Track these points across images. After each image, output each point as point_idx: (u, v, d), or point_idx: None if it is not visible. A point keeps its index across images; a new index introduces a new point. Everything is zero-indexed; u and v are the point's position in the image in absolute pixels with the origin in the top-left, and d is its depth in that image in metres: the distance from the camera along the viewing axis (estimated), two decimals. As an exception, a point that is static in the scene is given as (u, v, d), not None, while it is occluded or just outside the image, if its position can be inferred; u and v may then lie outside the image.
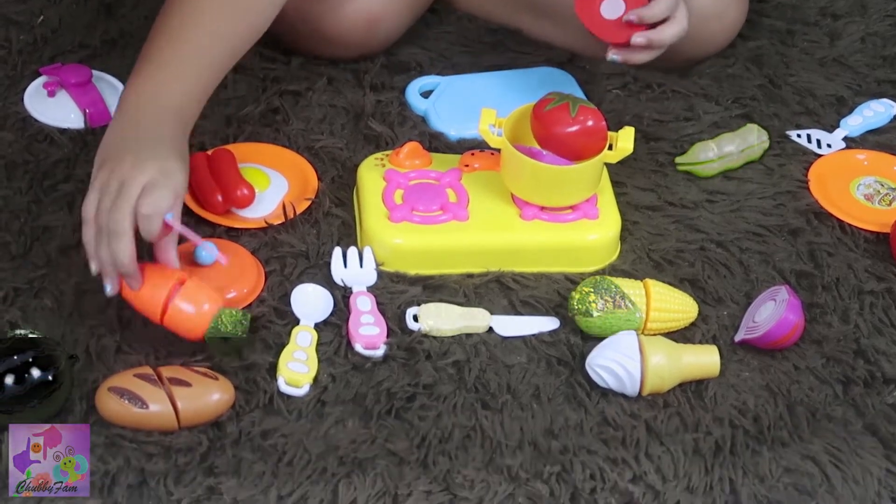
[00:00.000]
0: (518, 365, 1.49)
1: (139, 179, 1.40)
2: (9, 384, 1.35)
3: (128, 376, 1.40)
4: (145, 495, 1.34)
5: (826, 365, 1.52)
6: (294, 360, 1.45)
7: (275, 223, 1.61)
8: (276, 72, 1.81)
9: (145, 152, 1.42)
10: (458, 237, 1.57)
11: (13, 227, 1.58)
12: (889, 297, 1.59)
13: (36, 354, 1.37)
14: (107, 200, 1.40)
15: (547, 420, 1.44)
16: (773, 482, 1.40)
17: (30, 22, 1.86)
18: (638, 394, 1.46)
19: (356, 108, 1.77)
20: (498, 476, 1.38)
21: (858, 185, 1.73)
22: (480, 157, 1.65)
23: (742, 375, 1.50)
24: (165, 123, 1.47)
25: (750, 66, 1.88)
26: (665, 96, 1.83)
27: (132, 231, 1.39)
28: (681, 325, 1.54)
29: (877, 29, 1.98)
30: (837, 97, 1.86)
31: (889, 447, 1.44)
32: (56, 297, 1.51)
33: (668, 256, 1.62)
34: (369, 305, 1.52)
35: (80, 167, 1.66)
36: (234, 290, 1.52)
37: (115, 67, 1.80)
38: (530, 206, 1.59)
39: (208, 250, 1.49)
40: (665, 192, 1.70)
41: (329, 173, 1.68)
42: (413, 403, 1.44)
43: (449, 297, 1.55)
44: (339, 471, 1.37)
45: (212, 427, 1.40)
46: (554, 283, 1.58)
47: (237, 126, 1.73)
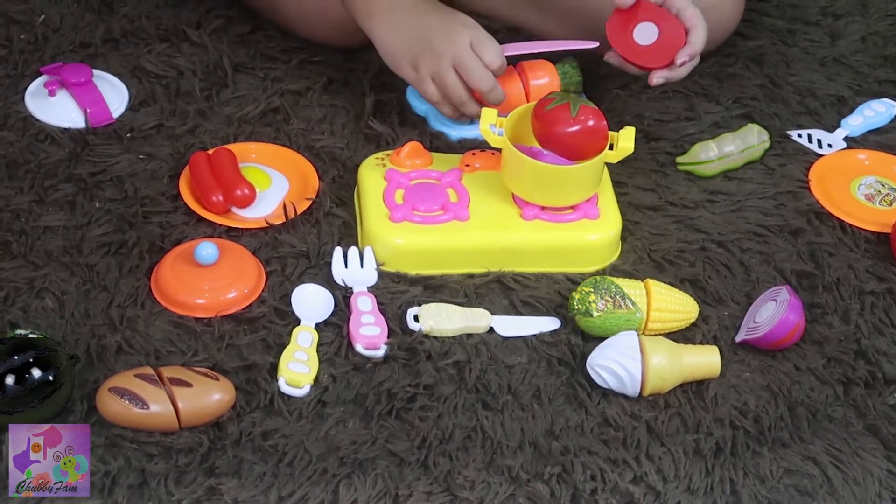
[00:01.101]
0: (519, 365, 1.49)
1: (463, 45, 1.62)
2: (9, 384, 1.36)
3: (128, 376, 1.40)
4: (146, 496, 1.34)
5: (827, 365, 1.52)
6: (295, 361, 1.45)
7: (275, 223, 1.61)
8: (276, 71, 1.81)
9: (440, 25, 1.64)
10: (459, 237, 1.57)
11: (14, 227, 1.58)
12: (890, 298, 1.59)
13: (37, 355, 1.37)
14: (453, 85, 1.63)
15: (548, 420, 1.44)
16: (774, 483, 1.40)
17: (31, 21, 1.86)
18: (639, 394, 1.46)
19: (357, 107, 1.77)
20: (499, 477, 1.38)
21: (859, 184, 1.73)
22: (481, 157, 1.65)
23: (743, 376, 1.50)
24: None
25: (751, 66, 1.88)
26: (666, 96, 1.83)
27: (495, 80, 1.64)
28: (681, 325, 1.54)
29: (878, 28, 1.98)
30: (838, 97, 1.86)
31: (890, 448, 1.44)
32: (57, 297, 1.51)
33: (669, 256, 1.62)
34: (370, 305, 1.52)
35: (82, 167, 1.66)
36: (235, 290, 1.52)
37: (116, 67, 1.80)
38: (531, 206, 1.59)
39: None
40: (666, 192, 1.70)
41: (330, 173, 1.68)
42: (414, 404, 1.44)
43: (450, 297, 1.55)
44: (339, 471, 1.37)
45: (212, 427, 1.40)
46: (555, 283, 1.58)
47: (238, 126, 1.73)
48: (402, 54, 1.66)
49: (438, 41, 1.63)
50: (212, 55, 1.82)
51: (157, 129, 1.72)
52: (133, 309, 1.51)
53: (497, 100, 1.66)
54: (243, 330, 1.50)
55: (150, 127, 1.72)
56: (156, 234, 1.59)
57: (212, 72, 1.80)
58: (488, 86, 1.64)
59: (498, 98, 1.66)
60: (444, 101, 1.67)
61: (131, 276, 1.54)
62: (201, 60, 1.82)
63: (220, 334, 1.49)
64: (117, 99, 1.75)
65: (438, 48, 1.63)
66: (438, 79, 1.65)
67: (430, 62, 1.64)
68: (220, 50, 1.83)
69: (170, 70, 1.80)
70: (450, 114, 1.69)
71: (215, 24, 1.86)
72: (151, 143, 1.70)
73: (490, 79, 1.64)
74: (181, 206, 1.62)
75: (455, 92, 1.65)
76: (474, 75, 1.63)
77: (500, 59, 1.64)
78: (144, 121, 1.73)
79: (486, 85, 1.64)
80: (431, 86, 1.65)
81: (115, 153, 1.68)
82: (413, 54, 1.65)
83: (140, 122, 1.73)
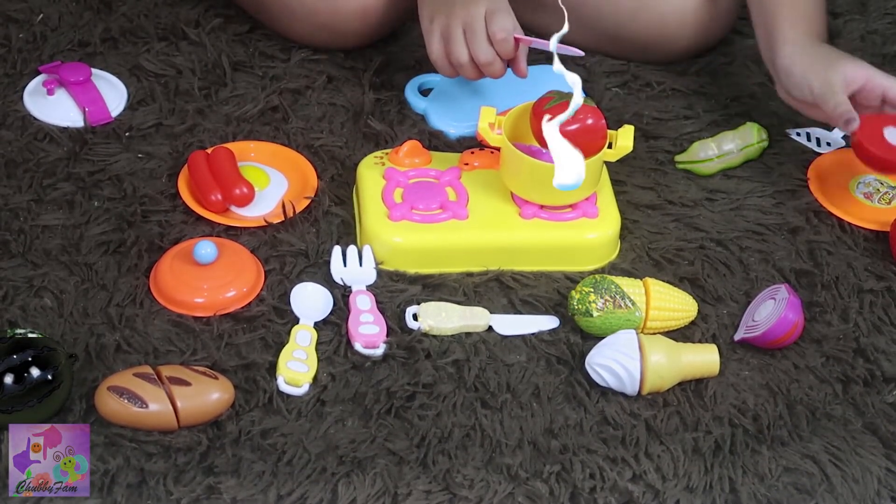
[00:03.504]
0: (518, 364, 1.49)
1: (477, 12, 1.62)
2: (8, 383, 1.35)
3: (127, 375, 1.40)
4: (145, 495, 1.34)
5: (826, 364, 1.52)
6: (294, 360, 1.45)
7: (274, 222, 1.61)
8: (275, 70, 1.81)
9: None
10: (458, 236, 1.57)
11: (13, 226, 1.58)
12: (889, 296, 1.59)
13: (35, 354, 1.37)
14: (457, 43, 1.63)
15: (546, 419, 1.44)
16: (773, 481, 1.40)
17: (29, 20, 1.86)
18: (637, 393, 1.46)
19: (356, 106, 1.77)
20: (497, 475, 1.38)
21: (858, 183, 1.73)
22: (480, 156, 1.65)
23: (742, 374, 1.50)
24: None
25: (749, 64, 1.88)
26: (665, 94, 1.83)
27: (496, 54, 1.63)
28: (680, 323, 1.54)
29: (876, 27, 1.98)
30: (837, 95, 1.86)
31: (889, 446, 1.44)
32: (56, 296, 1.51)
33: (668, 255, 1.62)
34: (369, 304, 1.52)
35: (80, 165, 1.66)
36: (234, 289, 1.52)
37: (115, 65, 1.80)
38: (530, 204, 1.59)
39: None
40: (665, 190, 1.70)
41: (328, 172, 1.68)
42: (413, 402, 1.44)
43: (448, 295, 1.55)
44: (338, 470, 1.37)
45: (211, 426, 1.40)
46: (553, 281, 1.58)
47: (236, 124, 1.73)
48: (427, 4, 1.68)
49: (458, 4, 1.65)
50: (210, 54, 1.82)
51: (155, 128, 1.72)
52: (132, 308, 1.51)
53: (494, 74, 1.65)
54: (242, 329, 1.50)
55: (148, 126, 1.72)
56: (154, 232, 1.59)
57: (210, 70, 1.80)
58: (486, 58, 1.63)
59: (495, 72, 1.65)
60: (444, 61, 1.66)
61: (130, 275, 1.54)
62: (200, 59, 1.82)
63: (218, 333, 1.49)
64: (116, 98, 1.75)
65: (455, 9, 1.65)
66: (446, 35, 1.65)
67: (443, 20, 1.65)
68: (218, 49, 1.83)
69: (168, 69, 1.80)
70: (448, 74, 1.69)
71: (214, 22, 1.86)
72: (150, 141, 1.70)
73: (489, 51, 1.63)
74: (180, 205, 1.62)
75: (456, 50, 1.64)
76: (476, 44, 1.63)
77: (505, 34, 1.63)
78: (143, 120, 1.73)
79: (484, 56, 1.63)
80: (437, 42, 1.66)
81: (114, 152, 1.68)
82: (434, 10, 1.67)
83: (139, 120, 1.73)
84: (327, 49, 1.83)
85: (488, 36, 1.63)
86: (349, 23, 1.79)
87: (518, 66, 1.67)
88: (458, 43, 1.64)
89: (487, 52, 1.63)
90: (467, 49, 1.64)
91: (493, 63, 1.64)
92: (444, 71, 1.68)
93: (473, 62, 1.65)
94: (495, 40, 1.63)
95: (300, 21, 1.80)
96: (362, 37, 1.82)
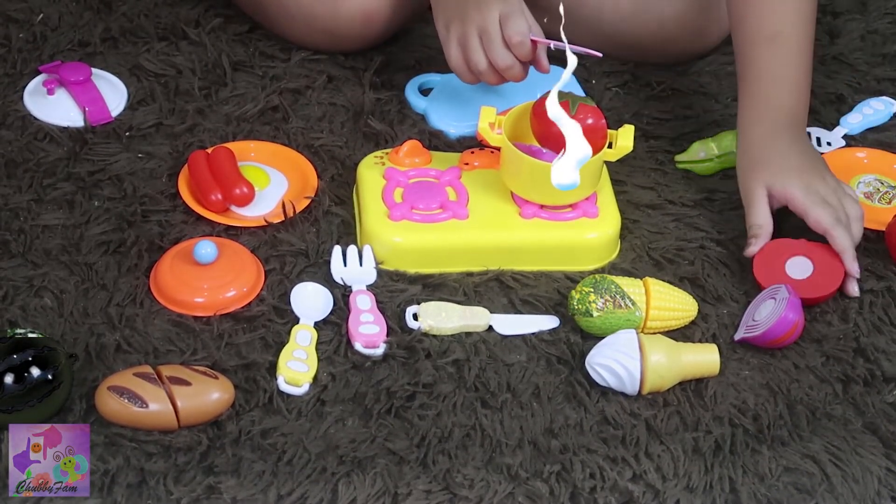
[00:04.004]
0: (518, 364, 1.49)
1: (491, 16, 1.62)
2: (8, 383, 1.35)
3: (127, 375, 1.40)
4: (145, 495, 1.34)
5: (826, 363, 1.52)
6: (294, 359, 1.45)
7: (274, 222, 1.61)
8: (275, 70, 1.81)
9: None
10: (458, 235, 1.57)
11: (13, 226, 1.58)
12: (889, 296, 1.59)
13: (35, 353, 1.37)
14: (474, 51, 1.63)
15: (547, 419, 1.44)
16: (773, 481, 1.40)
17: (29, 20, 1.86)
18: (638, 392, 1.46)
19: (356, 106, 1.77)
20: (498, 475, 1.38)
21: (858, 183, 1.73)
22: (480, 156, 1.65)
23: (742, 374, 1.50)
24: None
25: (750, 64, 1.88)
26: (665, 94, 1.83)
27: (514, 58, 1.63)
28: (680, 323, 1.54)
29: (877, 27, 1.98)
30: (837, 95, 1.86)
31: (889, 446, 1.44)
32: (56, 296, 1.51)
33: (668, 255, 1.62)
34: (369, 304, 1.52)
35: (80, 165, 1.66)
36: (234, 289, 1.52)
37: (115, 65, 1.80)
38: (530, 204, 1.59)
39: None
40: (665, 190, 1.70)
41: (329, 171, 1.68)
42: (413, 402, 1.44)
43: (449, 295, 1.55)
44: (338, 470, 1.37)
45: (211, 426, 1.40)
46: (554, 281, 1.58)
47: (236, 124, 1.73)
48: (441, 10, 1.67)
49: (471, 8, 1.64)
50: (211, 54, 1.82)
51: (155, 128, 1.72)
52: (132, 308, 1.51)
53: (514, 77, 1.64)
54: (242, 328, 1.50)
55: (148, 126, 1.72)
56: (155, 232, 1.59)
57: (211, 70, 1.80)
58: (504, 63, 1.62)
59: (515, 76, 1.64)
60: (464, 68, 1.65)
61: (130, 275, 1.54)
62: (200, 59, 1.82)
63: (219, 333, 1.49)
64: (116, 98, 1.75)
65: (469, 15, 1.64)
66: (463, 43, 1.64)
67: (458, 26, 1.64)
68: (218, 48, 1.83)
69: (168, 69, 1.80)
70: (469, 81, 1.68)
71: (214, 22, 1.86)
72: (150, 141, 1.70)
73: (507, 56, 1.62)
74: (180, 205, 1.62)
75: (475, 57, 1.63)
76: (494, 49, 1.62)
77: (520, 37, 1.61)
78: (143, 119, 1.73)
79: (503, 61, 1.62)
80: (455, 49, 1.65)
81: (114, 152, 1.68)
82: (449, 16, 1.66)
83: (139, 120, 1.73)
84: (327, 52, 1.83)
85: (504, 40, 1.63)
86: (349, 28, 1.79)
87: (540, 65, 1.66)
88: (476, 50, 1.63)
89: (505, 56, 1.62)
90: (485, 55, 1.63)
91: (512, 67, 1.63)
92: (465, 78, 1.67)
93: (493, 67, 1.64)
94: (511, 44, 1.62)
95: (299, 24, 1.80)
96: (363, 41, 1.81)
